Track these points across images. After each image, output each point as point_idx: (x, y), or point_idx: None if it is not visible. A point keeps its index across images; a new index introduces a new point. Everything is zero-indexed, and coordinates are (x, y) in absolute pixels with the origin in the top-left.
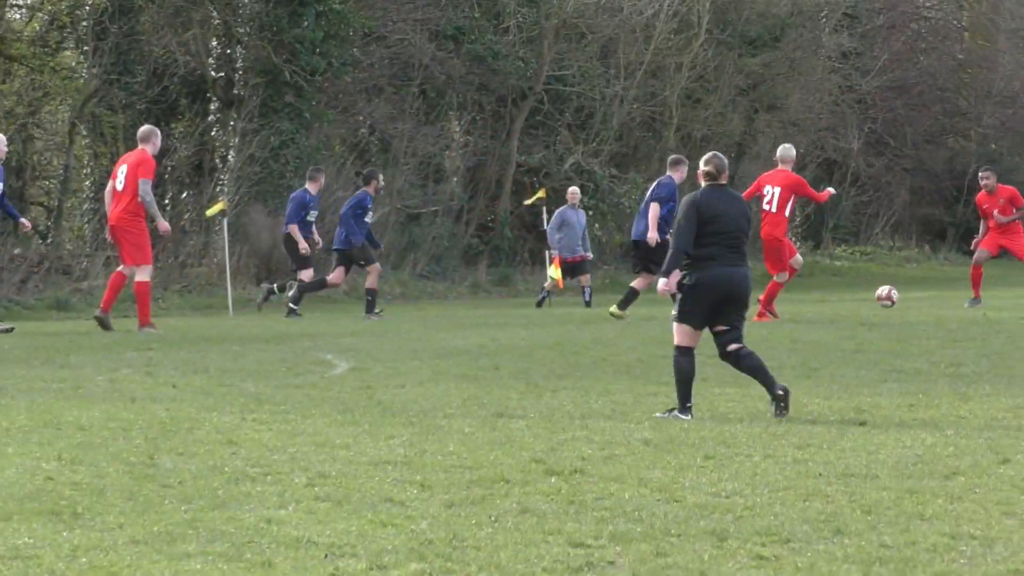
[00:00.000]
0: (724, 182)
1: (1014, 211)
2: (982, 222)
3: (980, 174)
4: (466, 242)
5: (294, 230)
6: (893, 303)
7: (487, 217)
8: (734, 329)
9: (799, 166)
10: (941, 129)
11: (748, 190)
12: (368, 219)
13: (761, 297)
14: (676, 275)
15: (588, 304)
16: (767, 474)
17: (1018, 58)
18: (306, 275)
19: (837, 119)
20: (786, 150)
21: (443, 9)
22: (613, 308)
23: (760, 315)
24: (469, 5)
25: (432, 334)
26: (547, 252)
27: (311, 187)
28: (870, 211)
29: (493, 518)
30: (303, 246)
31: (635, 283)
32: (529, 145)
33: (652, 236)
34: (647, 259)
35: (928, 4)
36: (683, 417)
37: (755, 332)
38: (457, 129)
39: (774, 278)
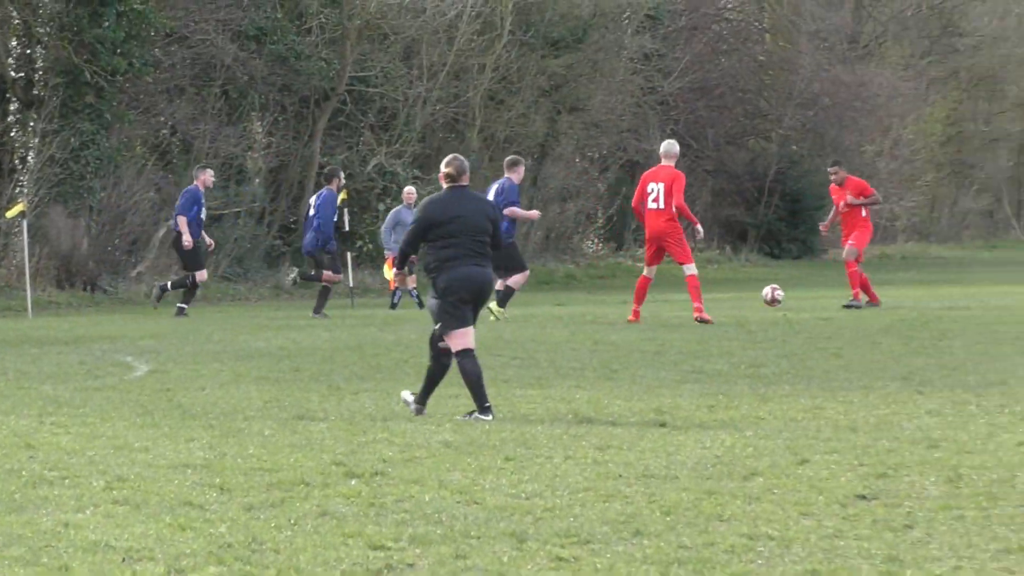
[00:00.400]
0: (465, 183)
1: (863, 198)
2: (833, 209)
3: (829, 170)
4: (268, 244)
5: (182, 222)
6: (772, 303)
7: (290, 218)
8: None
9: (602, 167)
10: (742, 130)
11: (636, 193)
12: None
13: (695, 303)
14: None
15: (394, 307)
16: (567, 476)
17: (818, 60)
18: (201, 276)
19: (639, 120)
20: (669, 145)
21: (245, 9)
22: (494, 307)
23: (699, 311)
24: (271, 5)
25: (233, 336)
26: (343, 252)
27: (199, 184)
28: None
29: (292, 521)
30: (187, 239)
31: (502, 283)
32: (332, 146)
33: (534, 214)
34: (498, 260)
35: (730, 6)
36: (484, 418)
37: (557, 334)
38: (259, 130)
39: (689, 273)
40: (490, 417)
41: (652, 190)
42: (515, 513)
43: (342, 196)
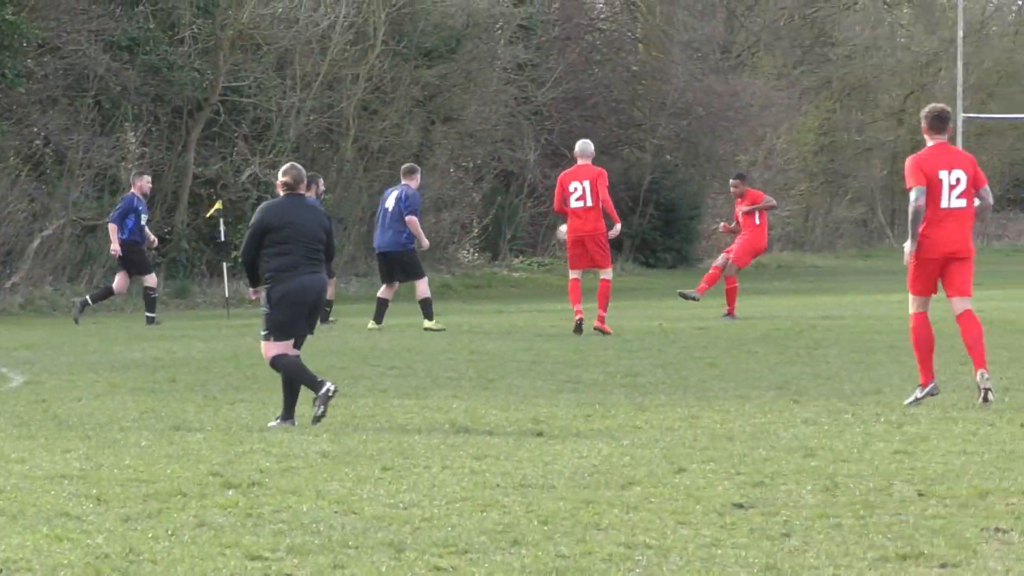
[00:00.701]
0: (302, 192)
1: (754, 205)
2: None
3: (731, 182)
4: None
5: (112, 228)
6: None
7: (164, 229)
8: (305, 336)
9: (477, 177)
10: (616, 140)
11: (556, 195)
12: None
13: (600, 311)
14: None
15: None
16: (445, 485)
17: (691, 70)
18: (150, 280)
19: (513, 130)
20: (585, 145)
21: (117, 20)
22: (371, 324)
23: (602, 320)
24: (144, 16)
25: (109, 347)
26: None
27: (135, 191)
28: (547, 222)
29: (170, 532)
30: (113, 247)
31: (381, 293)
32: (206, 156)
33: (425, 243)
34: (392, 270)
35: (603, 16)
36: (327, 388)
37: (434, 343)
38: (133, 140)
39: (605, 277)
40: (329, 385)
41: (576, 188)
42: (393, 523)
43: (216, 206)
